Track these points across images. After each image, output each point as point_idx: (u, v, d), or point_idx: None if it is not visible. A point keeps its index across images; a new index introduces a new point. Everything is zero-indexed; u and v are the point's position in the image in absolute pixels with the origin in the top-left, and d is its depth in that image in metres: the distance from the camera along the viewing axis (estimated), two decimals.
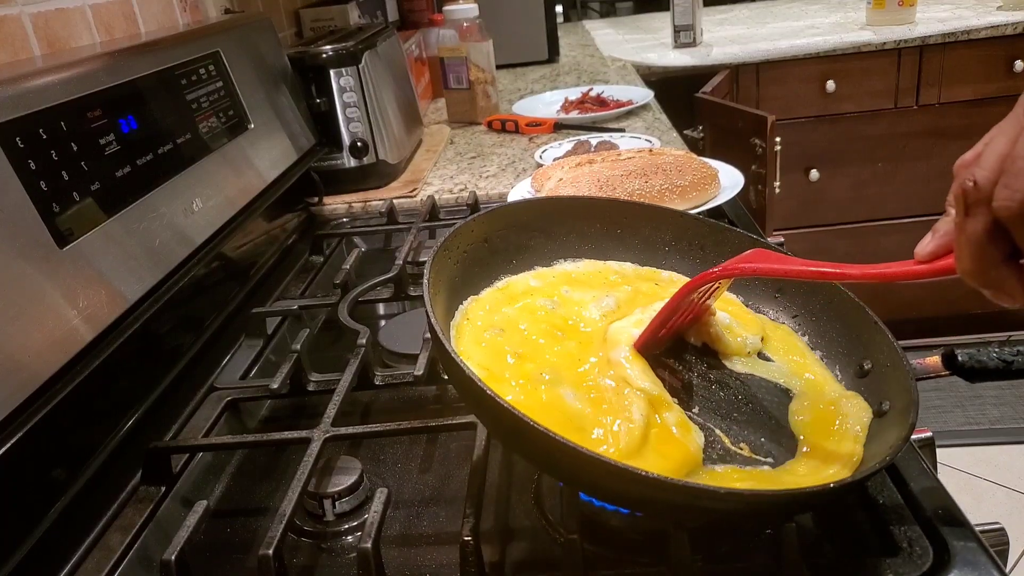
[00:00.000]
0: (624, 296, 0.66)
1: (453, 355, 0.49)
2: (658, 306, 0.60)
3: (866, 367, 0.59)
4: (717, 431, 0.55)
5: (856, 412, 0.56)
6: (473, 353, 0.57)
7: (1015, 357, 0.53)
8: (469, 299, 0.64)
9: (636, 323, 0.61)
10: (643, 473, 0.43)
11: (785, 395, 0.60)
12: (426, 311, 0.53)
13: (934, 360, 0.55)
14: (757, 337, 0.63)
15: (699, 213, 1.00)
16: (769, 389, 0.60)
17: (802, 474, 0.52)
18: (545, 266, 0.70)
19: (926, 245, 0.44)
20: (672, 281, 0.70)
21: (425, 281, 0.55)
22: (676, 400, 0.56)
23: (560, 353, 0.59)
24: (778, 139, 1.75)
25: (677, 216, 0.73)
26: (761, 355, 0.63)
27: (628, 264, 0.72)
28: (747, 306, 0.69)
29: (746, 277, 0.63)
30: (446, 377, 0.59)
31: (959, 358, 0.54)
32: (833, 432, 0.55)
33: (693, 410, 0.57)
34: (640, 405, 0.54)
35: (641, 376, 0.56)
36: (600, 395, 0.55)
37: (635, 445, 0.51)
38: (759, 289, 0.69)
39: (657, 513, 0.51)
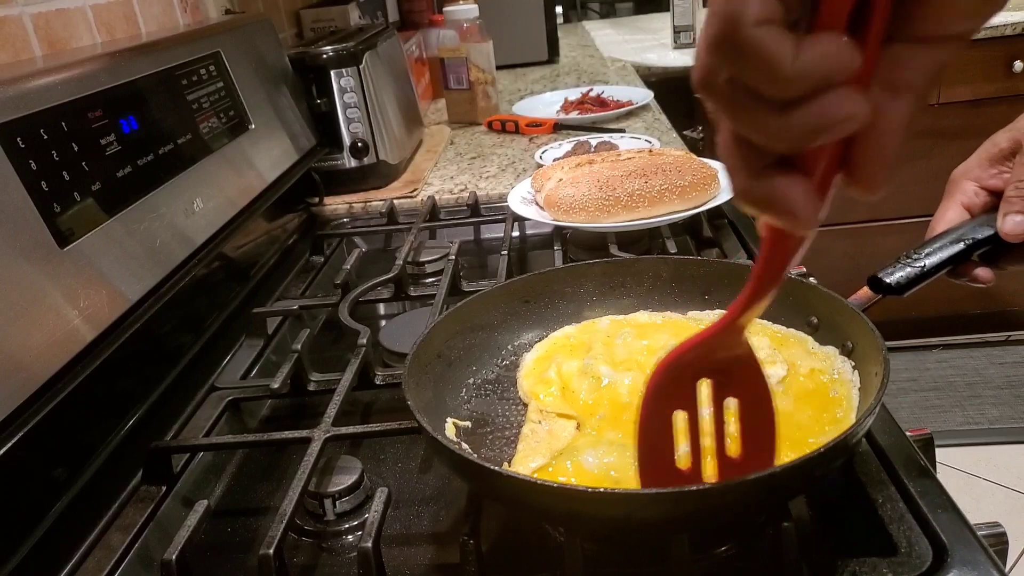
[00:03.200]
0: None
1: (426, 427, 0.52)
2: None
3: (813, 322, 0.64)
4: None
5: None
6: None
7: (924, 258, 0.59)
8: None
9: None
10: (615, 491, 0.44)
11: None
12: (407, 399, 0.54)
13: (863, 291, 0.59)
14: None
15: (699, 213, 1.01)
16: None
17: None
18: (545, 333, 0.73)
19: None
20: (667, 320, 0.73)
21: (405, 381, 0.57)
22: None
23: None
24: None
25: (633, 263, 0.76)
26: None
27: (606, 318, 0.74)
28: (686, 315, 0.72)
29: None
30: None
31: (882, 279, 0.58)
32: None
33: None
34: None
35: None
36: None
37: None
38: (688, 297, 0.73)
39: (641, 532, 0.51)
